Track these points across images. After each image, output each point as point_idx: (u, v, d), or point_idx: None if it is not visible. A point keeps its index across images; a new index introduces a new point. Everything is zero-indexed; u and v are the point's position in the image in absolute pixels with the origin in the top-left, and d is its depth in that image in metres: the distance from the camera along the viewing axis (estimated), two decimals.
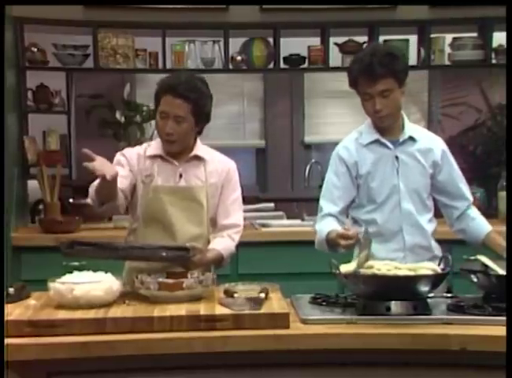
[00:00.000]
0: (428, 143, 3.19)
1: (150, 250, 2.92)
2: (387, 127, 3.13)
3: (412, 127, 3.20)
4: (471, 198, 3.27)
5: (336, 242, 2.87)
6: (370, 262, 2.71)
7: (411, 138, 3.15)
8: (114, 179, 2.82)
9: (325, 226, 3.06)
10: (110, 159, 3.13)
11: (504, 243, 3.10)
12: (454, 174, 3.23)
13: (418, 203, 3.15)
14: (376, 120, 3.11)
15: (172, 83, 3.03)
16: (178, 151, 3.11)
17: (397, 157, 3.13)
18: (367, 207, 3.15)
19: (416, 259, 3.00)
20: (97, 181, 2.91)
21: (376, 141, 3.14)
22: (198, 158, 3.15)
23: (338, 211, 3.13)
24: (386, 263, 2.70)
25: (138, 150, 3.16)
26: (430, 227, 3.19)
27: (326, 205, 3.14)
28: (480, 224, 3.24)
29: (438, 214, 3.29)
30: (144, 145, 3.21)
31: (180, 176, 3.12)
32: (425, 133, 3.27)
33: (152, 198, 3.07)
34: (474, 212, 3.27)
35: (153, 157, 3.11)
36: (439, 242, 3.28)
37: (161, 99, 3.04)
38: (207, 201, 3.12)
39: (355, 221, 3.18)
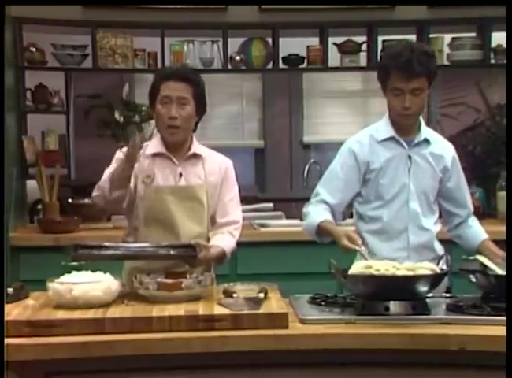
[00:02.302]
0: (440, 148, 3.19)
1: (156, 249, 2.92)
2: (405, 127, 3.12)
3: (427, 130, 3.20)
4: (472, 208, 3.29)
5: (337, 237, 2.88)
6: (369, 262, 2.71)
7: (426, 141, 3.15)
8: (134, 159, 2.89)
9: (320, 212, 3.07)
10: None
11: (497, 251, 3.13)
12: (461, 182, 3.24)
13: (425, 205, 3.15)
14: (399, 117, 3.09)
15: (171, 70, 3.10)
16: (179, 142, 3.10)
17: (410, 157, 3.13)
18: (374, 203, 3.14)
19: (419, 259, 2.99)
20: (110, 170, 2.97)
21: (392, 138, 3.13)
22: (196, 156, 3.15)
23: (334, 204, 3.12)
24: (385, 263, 2.70)
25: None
26: (435, 229, 3.19)
27: (324, 193, 3.14)
28: (476, 232, 3.26)
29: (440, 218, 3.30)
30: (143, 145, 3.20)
31: (180, 175, 3.12)
32: (439, 138, 3.26)
33: (153, 198, 3.07)
34: (472, 220, 3.29)
35: (153, 155, 3.11)
36: (439, 242, 3.28)
37: (160, 87, 3.05)
38: (207, 199, 3.12)
39: (360, 217, 3.18)
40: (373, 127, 3.20)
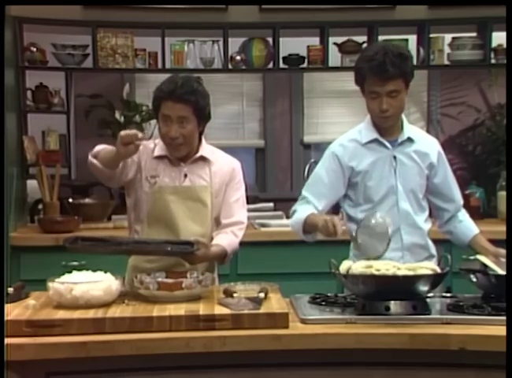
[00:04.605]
0: (425, 145, 3.20)
1: (155, 245, 2.93)
2: (386, 128, 3.13)
3: (410, 128, 3.21)
4: (461, 201, 3.29)
5: (320, 225, 2.88)
6: (369, 262, 2.71)
7: (409, 139, 3.16)
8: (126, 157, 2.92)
9: (307, 210, 3.07)
10: None
11: (488, 246, 3.12)
12: (448, 177, 3.24)
13: (415, 203, 3.16)
14: (379, 119, 3.10)
15: (169, 89, 3.01)
16: (184, 155, 3.11)
17: (395, 158, 3.14)
18: (363, 206, 3.15)
19: (413, 258, 3.01)
20: (109, 148, 2.96)
21: (375, 140, 3.15)
22: (203, 159, 3.15)
23: (320, 210, 3.13)
24: (385, 263, 2.70)
25: (149, 144, 3.15)
26: (426, 226, 3.19)
27: (309, 196, 3.16)
28: (466, 227, 3.26)
29: (431, 214, 3.30)
30: (152, 142, 3.19)
31: (185, 176, 3.12)
32: (422, 134, 3.28)
33: (156, 198, 3.07)
34: (463, 214, 3.28)
35: (160, 157, 3.12)
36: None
37: (161, 104, 3.04)
38: (211, 200, 3.12)
39: (351, 219, 3.19)
40: (356, 130, 3.21)
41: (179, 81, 3.03)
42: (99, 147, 3.02)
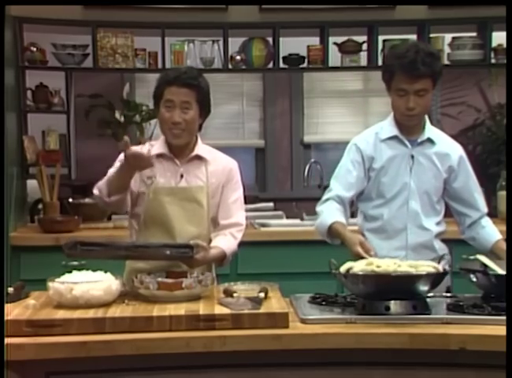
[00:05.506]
0: (446, 148, 3.19)
1: (154, 249, 2.92)
2: (409, 126, 3.12)
3: (432, 130, 3.20)
4: (485, 210, 3.26)
5: (350, 244, 2.89)
6: (370, 259, 2.72)
7: (429, 140, 3.15)
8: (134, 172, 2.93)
9: (332, 212, 3.07)
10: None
11: None
12: (469, 182, 3.22)
13: (427, 205, 3.15)
14: (404, 117, 3.09)
15: (174, 75, 3.06)
16: (183, 144, 3.10)
17: (413, 157, 3.13)
18: (375, 201, 3.16)
19: (418, 258, 2.99)
20: (111, 172, 2.96)
21: (395, 137, 3.14)
22: (199, 158, 3.15)
23: (348, 198, 3.13)
24: (386, 260, 2.69)
25: (144, 148, 3.15)
26: (436, 229, 3.18)
27: (338, 187, 3.14)
28: (488, 233, 3.23)
29: (448, 215, 3.29)
30: (147, 145, 3.19)
31: (181, 176, 3.12)
32: (445, 137, 3.26)
33: (152, 199, 3.07)
34: (486, 221, 3.25)
35: (157, 156, 3.11)
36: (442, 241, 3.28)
37: (164, 91, 3.05)
38: (207, 201, 3.11)
39: (363, 216, 3.19)
40: (379, 126, 3.21)
41: (182, 69, 3.15)
42: (102, 181, 3.01)
